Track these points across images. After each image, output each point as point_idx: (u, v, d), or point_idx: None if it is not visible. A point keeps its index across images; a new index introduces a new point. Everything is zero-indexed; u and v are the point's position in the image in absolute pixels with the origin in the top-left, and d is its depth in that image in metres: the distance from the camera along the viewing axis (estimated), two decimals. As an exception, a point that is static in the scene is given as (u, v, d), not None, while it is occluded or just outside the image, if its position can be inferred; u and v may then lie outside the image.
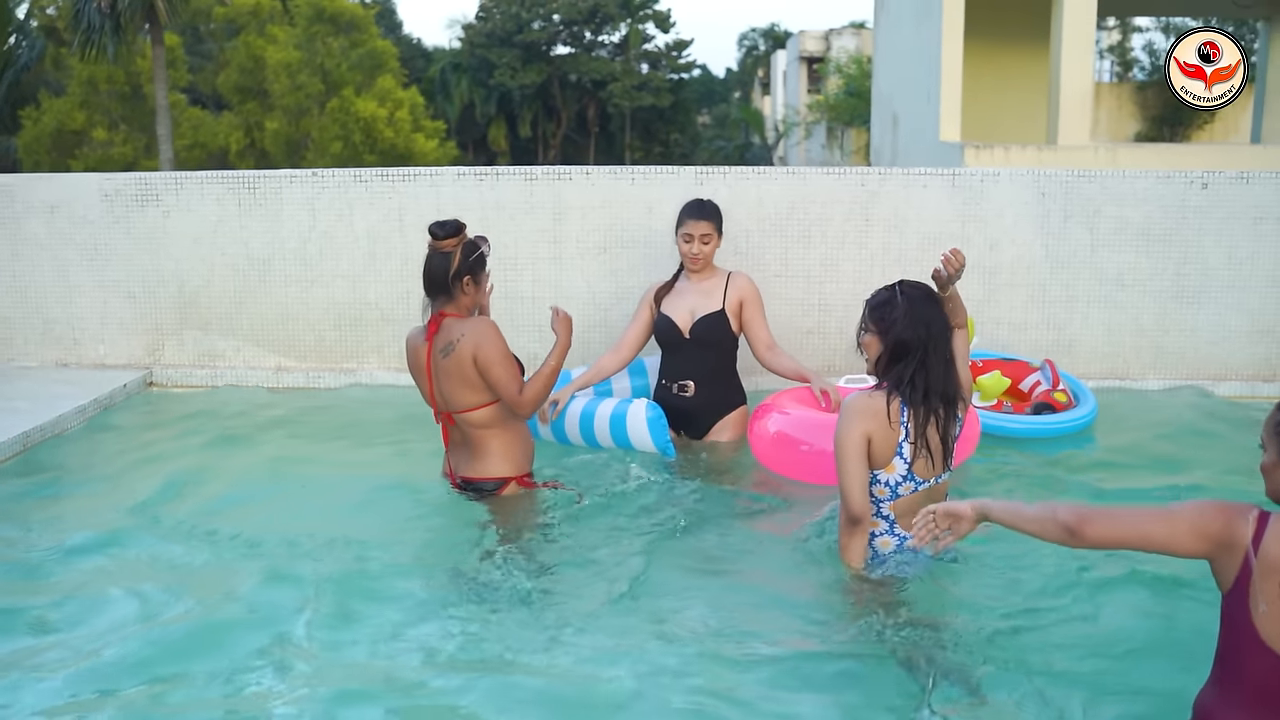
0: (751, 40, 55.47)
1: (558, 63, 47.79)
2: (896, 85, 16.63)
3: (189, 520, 4.42)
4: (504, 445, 4.30)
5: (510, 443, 4.32)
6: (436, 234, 4.15)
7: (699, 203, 5.31)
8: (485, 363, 4.09)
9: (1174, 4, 19.70)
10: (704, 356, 5.27)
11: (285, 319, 6.47)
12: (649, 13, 49.83)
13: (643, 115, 49.36)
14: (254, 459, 5.23)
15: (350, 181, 6.34)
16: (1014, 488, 4.75)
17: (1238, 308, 6.28)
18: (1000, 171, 6.22)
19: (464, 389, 4.16)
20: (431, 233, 4.16)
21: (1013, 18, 14.94)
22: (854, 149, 22.56)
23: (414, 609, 3.67)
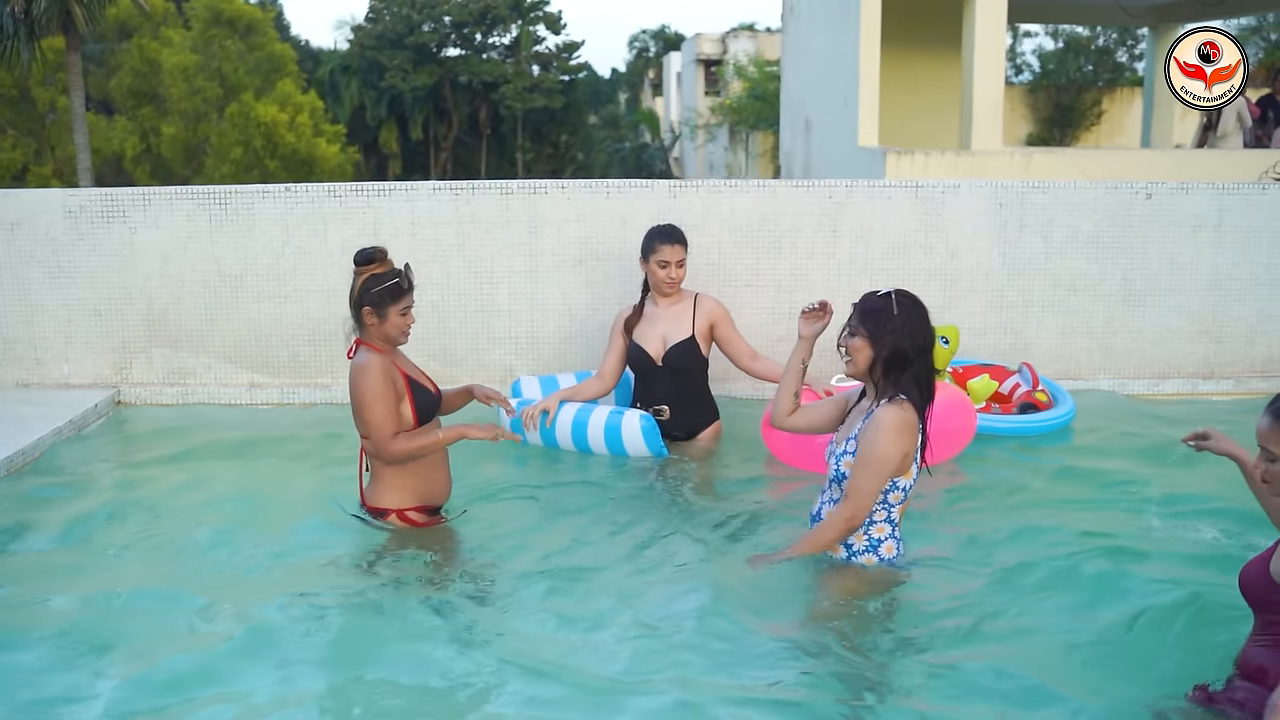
0: (642, 42, 55.72)
1: (449, 65, 47.45)
2: (809, 89, 16.97)
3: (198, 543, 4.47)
4: (397, 477, 4.28)
5: (404, 476, 4.28)
6: (355, 260, 4.19)
7: (671, 228, 5.46)
8: (356, 403, 4.13)
9: (1070, 13, 20.47)
10: (676, 382, 5.47)
11: (258, 335, 6.43)
12: (540, 14, 49.80)
13: (534, 117, 49.28)
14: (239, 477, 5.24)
15: (324, 196, 6.34)
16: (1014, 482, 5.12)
17: (1179, 310, 6.65)
18: (960, 183, 6.49)
19: (355, 417, 4.22)
20: (353, 259, 4.21)
21: (922, 24, 15.37)
22: (760, 152, 22.91)
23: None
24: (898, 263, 6.48)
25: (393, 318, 4.18)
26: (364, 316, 4.17)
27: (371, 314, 4.16)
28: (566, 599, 3.93)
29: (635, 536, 4.47)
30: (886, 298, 3.85)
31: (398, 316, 4.20)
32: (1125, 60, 26.09)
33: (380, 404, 4.12)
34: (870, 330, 3.81)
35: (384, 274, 4.19)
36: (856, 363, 3.85)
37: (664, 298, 5.49)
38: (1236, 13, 19.00)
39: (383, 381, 4.14)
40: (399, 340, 4.27)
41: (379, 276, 4.18)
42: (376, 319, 4.17)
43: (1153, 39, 18.10)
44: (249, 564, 4.27)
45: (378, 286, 4.16)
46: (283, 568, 4.23)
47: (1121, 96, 26.04)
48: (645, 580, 4.09)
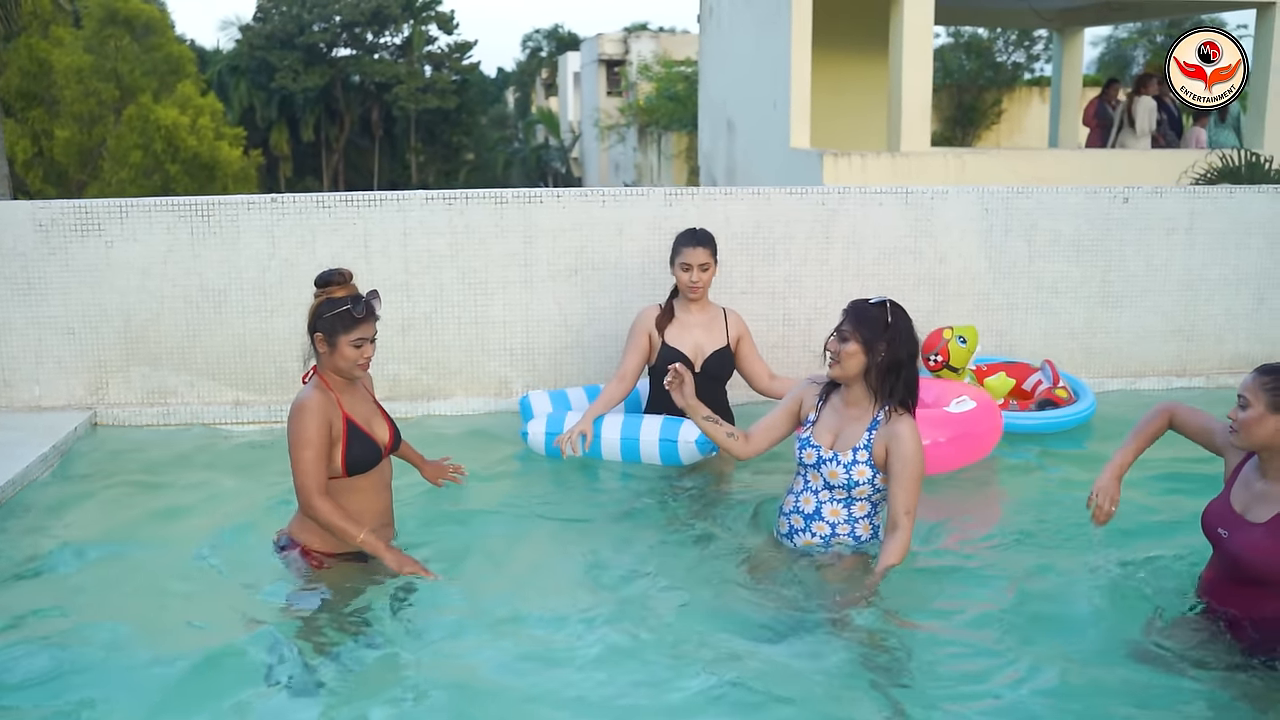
0: (536, 42, 55.47)
1: (340, 65, 46.71)
2: (731, 91, 17.05)
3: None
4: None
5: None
6: (315, 281, 3.89)
7: (694, 231, 5.39)
8: (289, 444, 3.79)
9: (986, 16, 20.93)
10: (710, 390, 5.37)
11: (243, 351, 6.23)
12: (432, 14, 49.30)
13: (427, 118, 48.78)
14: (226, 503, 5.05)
15: (312, 207, 6.16)
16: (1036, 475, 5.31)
17: (1154, 310, 6.85)
18: (949, 189, 6.58)
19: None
20: (314, 280, 3.91)
21: (846, 26, 15.56)
22: (675, 153, 22.97)
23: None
24: (888, 268, 6.55)
25: (343, 348, 3.82)
26: (316, 343, 3.86)
27: (322, 341, 3.84)
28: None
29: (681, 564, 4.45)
30: (881, 307, 4.00)
31: (349, 348, 3.82)
32: (1023, 61, 26.76)
33: (309, 450, 3.76)
34: (865, 337, 3.97)
35: (339, 299, 3.84)
36: (847, 367, 4.01)
37: (693, 303, 5.42)
38: (1138, 17, 19.64)
39: (318, 425, 3.77)
40: (350, 374, 3.89)
41: (334, 301, 3.84)
42: (327, 347, 3.84)
43: (1059, 42, 18.60)
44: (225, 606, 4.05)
45: (330, 312, 3.82)
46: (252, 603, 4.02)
47: (1020, 96, 26.75)
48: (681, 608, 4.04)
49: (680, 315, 5.44)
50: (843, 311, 4.07)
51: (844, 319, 4.03)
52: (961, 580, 4.24)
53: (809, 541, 4.14)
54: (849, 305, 4.07)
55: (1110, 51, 29.36)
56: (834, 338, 4.03)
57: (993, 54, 26.67)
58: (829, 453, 4.06)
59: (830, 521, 4.10)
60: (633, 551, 4.48)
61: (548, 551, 4.56)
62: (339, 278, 3.87)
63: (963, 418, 5.21)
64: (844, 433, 4.07)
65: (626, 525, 4.78)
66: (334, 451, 3.83)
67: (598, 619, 3.87)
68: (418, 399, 6.32)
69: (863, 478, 4.00)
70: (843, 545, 4.09)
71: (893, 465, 3.93)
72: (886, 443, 3.96)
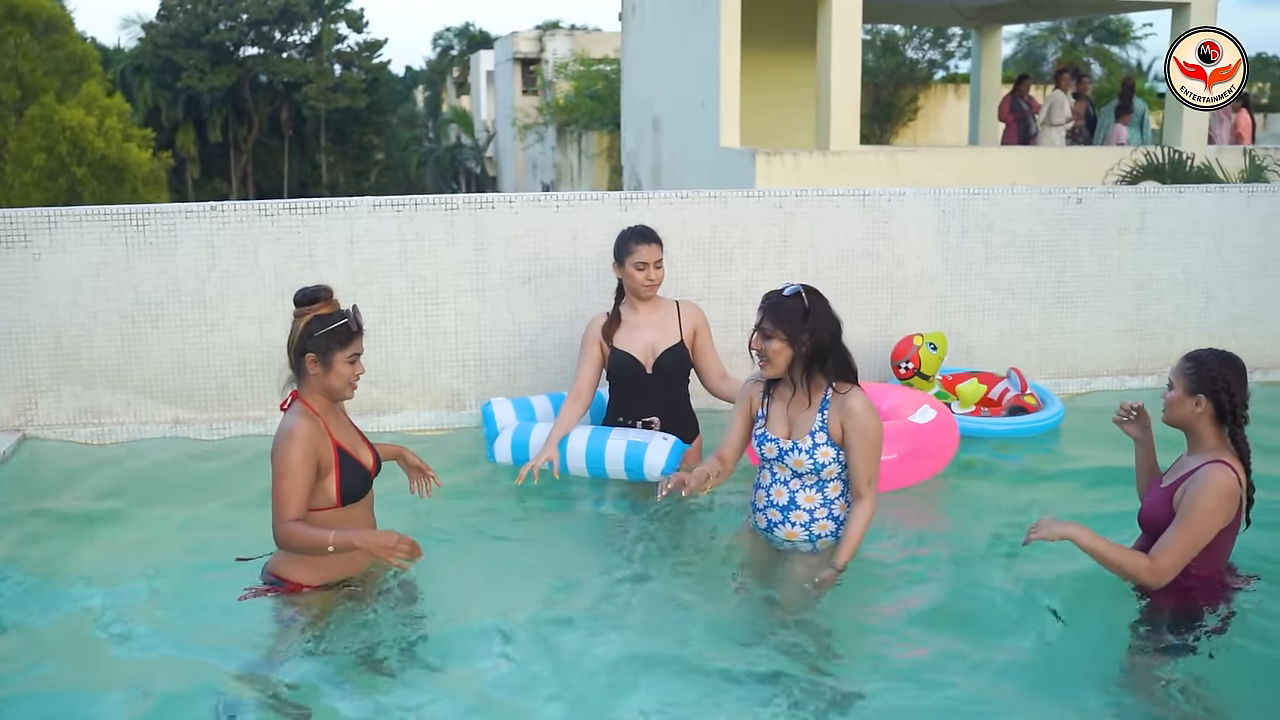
0: (447, 40, 54.83)
1: (248, 64, 45.75)
2: (657, 89, 16.92)
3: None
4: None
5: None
6: (295, 300, 3.73)
7: (644, 229, 5.23)
8: (272, 471, 3.62)
9: (909, 14, 21.05)
10: (667, 390, 5.23)
11: (182, 367, 5.93)
12: (341, 12, 48.51)
13: (337, 118, 48.05)
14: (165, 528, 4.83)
15: (254, 215, 5.89)
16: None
17: (1107, 310, 6.86)
18: (905, 190, 6.52)
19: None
20: (293, 298, 3.74)
21: (770, 23, 15.52)
22: (596, 153, 22.76)
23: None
24: (845, 271, 6.46)
25: (338, 366, 3.70)
26: (306, 365, 3.70)
27: (315, 362, 3.68)
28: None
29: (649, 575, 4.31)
30: (797, 298, 3.96)
31: (344, 365, 3.71)
32: (938, 58, 27.05)
33: (290, 480, 3.58)
34: (788, 331, 3.93)
35: (330, 315, 3.71)
36: (776, 364, 3.99)
37: (643, 303, 5.23)
38: (1055, 15, 19.93)
39: (305, 455, 3.61)
40: (343, 394, 3.77)
41: (324, 318, 3.69)
42: (321, 368, 3.69)
43: (978, 40, 18.80)
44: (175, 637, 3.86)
45: (323, 329, 3.67)
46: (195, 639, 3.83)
47: (935, 94, 27.05)
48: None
49: (628, 318, 5.24)
50: (759, 307, 4.02)
51: (762, 316, 3.99)
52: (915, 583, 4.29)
53: (791, 534, 4.11)
54: (764, 300, 4.03)
55: (1022, 49, 29.84)
56: (757, 337, 4.00)
57: (906, 52, 26.91)
58: (788, 443, 4.04)
59: (807, 508, 4.08)
60: (615, 561, 4.39)
61: (526, 568, 4.43)
62: (325, 294, 3.72)
63: (923, 429, 5.10)
64: (797, 421, 4.05)
65: (604, 533, 4.70)
66: (326, 482, 3.68)
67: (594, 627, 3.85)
68: (366, 414, 6.07)
69: (827, 458, 3.99)
70: (828, 535, 4.09)
71: (850, 439, 3.95)
72: (841, 419, 3.95)
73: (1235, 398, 3.65)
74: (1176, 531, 3.59)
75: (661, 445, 4.97)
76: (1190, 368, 3.71)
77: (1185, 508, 3.59)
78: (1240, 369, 3.70)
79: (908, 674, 3.60)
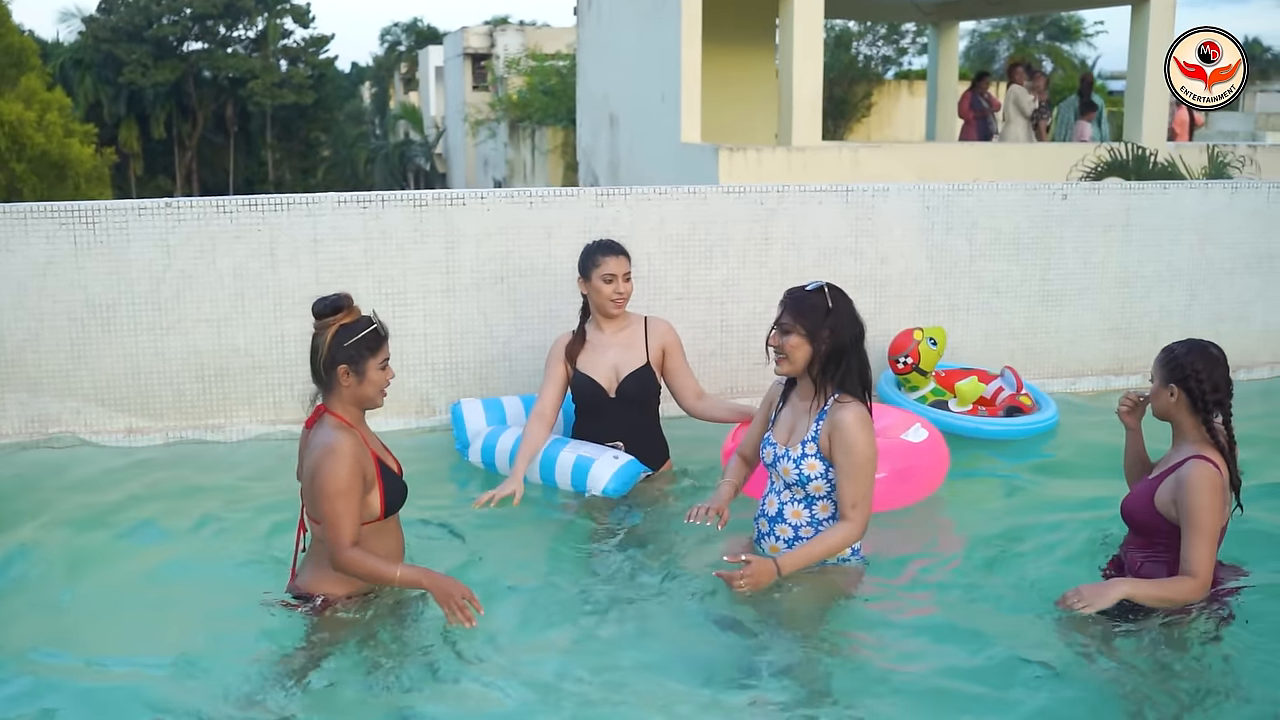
0: (395, 35, 54.18)
1: (192, 59, 44.89)
2: (614, 84, 16.67)
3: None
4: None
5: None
6: (314, 310, 3.61)
7: (611, 241, 4.96)
8: (318, 491, 3.51)
9: (871, 10, 20.96)
10: (631, 415, 4.95)
11: (136, 373, 5.61)
12: (287, 7, 47.76)
13: (283, 114, 47.31)
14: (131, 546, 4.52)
15: (212, 212, 5.58)
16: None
17: (1092, 308, 6.72)
18: (889, 186, 6.33)
19: (310, 500, 3.63)
20: (311, 308, 3.62)
21: (730, 17, 15.32)
22: (550, 148, 22.46)
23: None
24: (828, 269, 6.25)
25: (372, 374, 3.62)
26: (339, 377, 3.58)
27: (348, 372, 3.58)
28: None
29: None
30: (820, 293, 3.77)
31: (377, 372, 3.63)
32: (892, 55, 27.05)
33: (344, 500, 3.49)
34: (807, 327, 3.74)
35: (355, 323, 3.60)
36: (794, 360, 3.79)
37: (610, 320, 4.93)
38: (1014, 11, 19.93)
39: (353, 471, 3.51)
40: (376, 402, 3.69)
41: (350, 327, 3.59)
42: (354, 378, 3.59)
43: (934, 36, 18.73)
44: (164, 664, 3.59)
45: (352, 339, 3.57)
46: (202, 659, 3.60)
47: (889, 90, 27.02)
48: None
49: (593, 337, 4.94)
50: (780, 303, 3.84)
51: (782, 310, 3.81)
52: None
53: (774, 548, 3.91)
54: (785, 295, 3.85)
55: (974, 46, 29.91)
56: (775, 332, 3.81)
57: (859, 48, 26.87)
58: (783, 449, 3.85)
59: (793, 524, 3.87)
60: (602, 577, 4.19)
61: (523, 583, 4.17)
62: (347, 301, 3.61)
63: (914, 449, 4.88)
64: (797, 427, 3.86)
65: (587, 547, 4.47)
66: (370, 496, 3.60)
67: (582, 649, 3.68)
68: (332, 420, 5.78)
69: (813, 472, 3.77)
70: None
71: (835, 456, 3.72)
72: (830, 431, 3.72)
73: (1205, 385, 3.65)
74: (1193, 541, 3.54)
75: (609, 463, 4.71)
76: (1163, 359, 3.76)
77: (1187, 515, 3.56)
78: (1213, 357, 3.69)
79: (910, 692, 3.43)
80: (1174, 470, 3.65)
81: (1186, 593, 3.53)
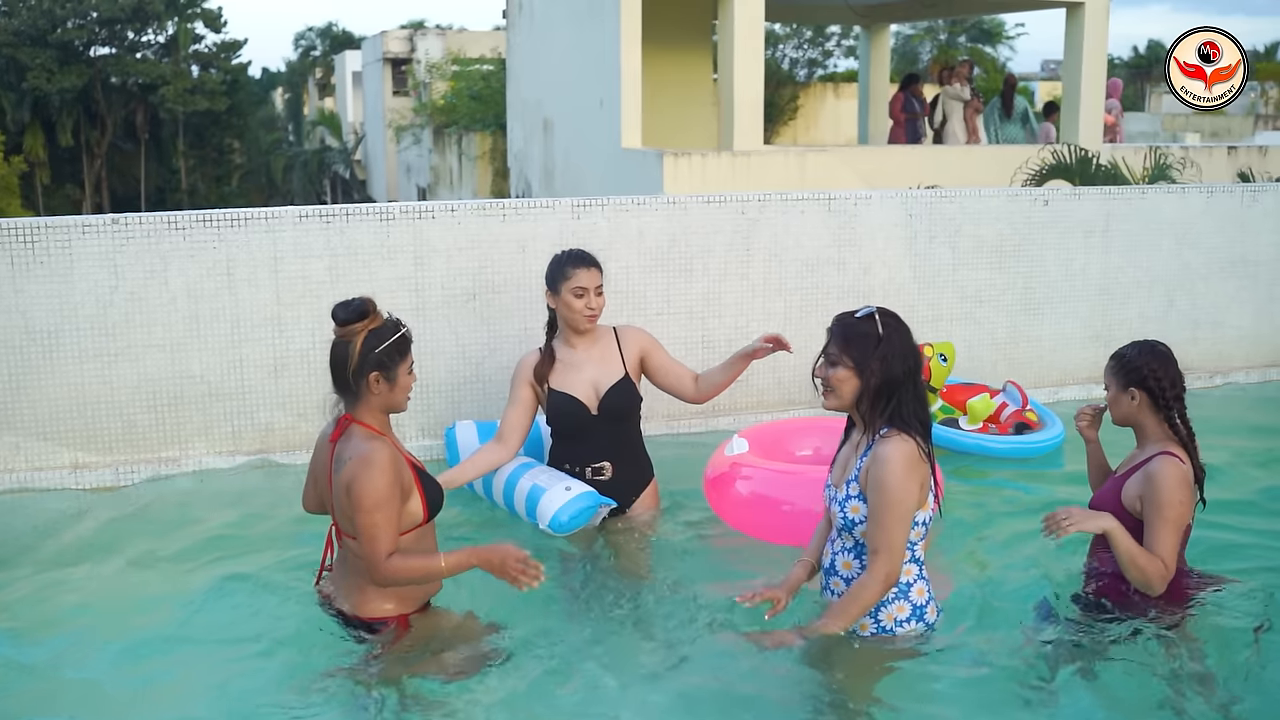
0: (309, 40, 53.18)
1: (100, 64, 43.50)
2: (548, 89, 16.36)
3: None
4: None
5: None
6: (336, 317, 3.47)
7: (582, 251, 4.61)
8: (355, 505, 3.38)
9: (806, 12, 20.89)
10: (616, 432, 4.63)
11: (82, 404, 5.19)
12: (198, 11, 46.58)
13: (196, 120, 46.10)
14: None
15: (163, 229, 5.18)
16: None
17: (1073, 316, 6.59)
18: (872, 194, 6.14)
19: (345, 517, 3.47)
20: (332, 315, 3.48)
21: (667, 22, 15.09)
22: (478, 154, 22.04)
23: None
24: (811, 281, 6.05)
25: (402, 378, 3.53)
26: (369, 384, 3.45)
27: (380, 379, 3.46)
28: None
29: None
30: (870, 320, 3.43)
31: (406, 376, 3.55)
32: (818, 57, 27.10)
33: (383, 511, 3.36)
34: (856, 359, 3.40)
35: (382, 328, 3.48)
36: (841, 395, 3.46)
37: (580, 336, 4.61)
38: (948, 13, 19.99)
39: (392, 481, 3.39)
40: (403, 407, 3.60)
41: (378, 332, 3.46)
42: (386, 384, 3.48)
43: (866, 38, 18.71)
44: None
45: (382, 344, 3.45)
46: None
47: (815, 92, 27.06)
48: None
49: (564, 355, 4.62)
50: (827, 329, 3.50)
51: (830, 339, 3.47)
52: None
53: (830, 603, 3.56)
54: (834, 321, 3.50)
55: (898, 48, 30.11)
56: (822, 362, 3.47)
57: (785, 51, 26.89)
58: (832, 490, 3.55)
59: (844, 576, 3.52)
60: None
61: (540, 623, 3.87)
62: (371, 306, 3.47)
63: None
64: (848, 466, 3.52)
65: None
66: (410, 504, 3.49)
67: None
68: (295, 449, 5.43)
69: (857, 516, 3.41)
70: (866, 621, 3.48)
71: (868, 493, 3.37)
72: (869, 466, 3.38)
73: (1164, 383, 3.66)
74: (1159, 530, 3.53)
75: (559, 495, 4.35)
76: (1116, 365, 3.77)
77: (1154, 507, 3.54)
78: (1163, 354, 3.72)
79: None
80: (1141, 467, 3.62)
81: (1154, 570, 3.49)
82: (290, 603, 3.95)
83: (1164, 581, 3.51)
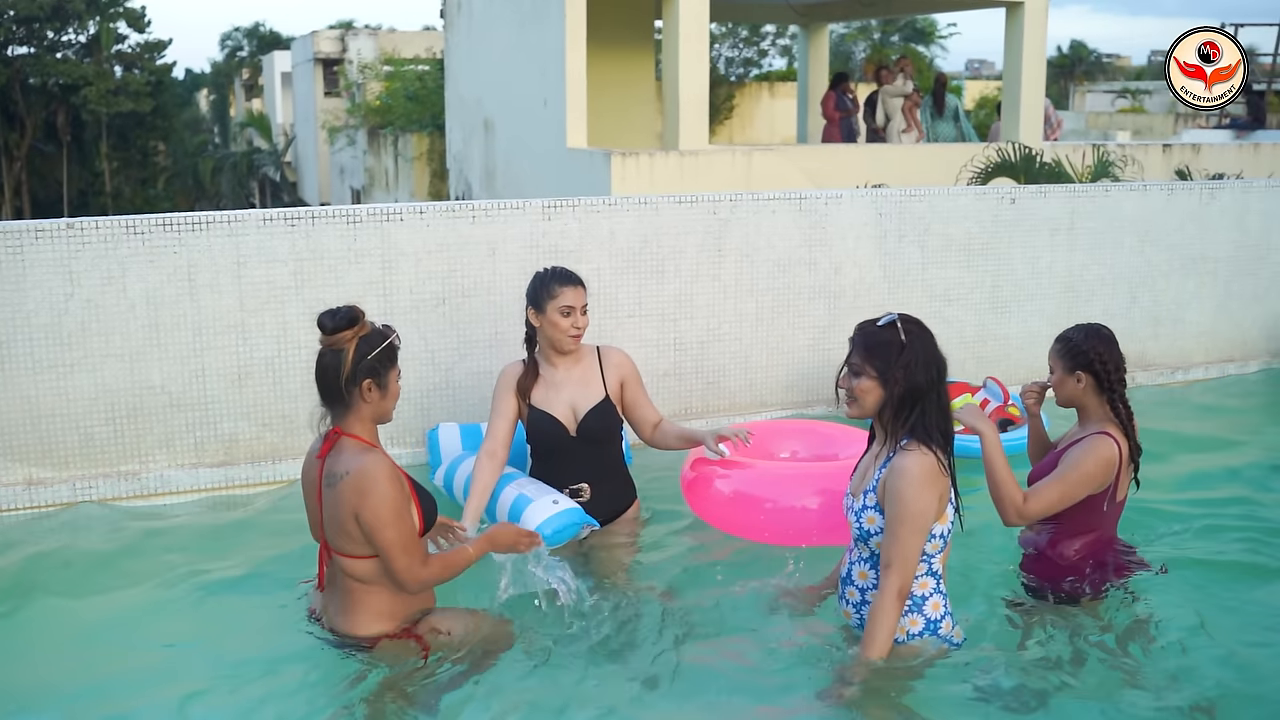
0: (235, 41, 52.25)
1: (17, 64, 42.36)
2: (488, 89, 16.16)
3: None
4: (383, 603, 3.46)
5: (391, 599, 3.47)
6: (324, 325, 3.39)
7: (566, 270, 4.49)
8: (370, 524, 3.29)
9: (747, 11, 20.88)
10: (596, 454, 4.51)
11: (36, 417, 4.96)
12: (120, 10, 45.56)
13: (119, 122, 45.09)
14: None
15: (121, 234, 4.98)
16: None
17: (1039, 314, 6.61)
18: (842, 193, 6.09)
19: (343, 535, 3.36)
20: (319, 324, 3.41)
21: (607, 22, 14.97)
22: (415, 155, 21.74)
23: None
24: (783, 281, 5.99)
25: (393, 384, 3.50)
26: (361, 393, 3.39)
27: (372, 386, 3.40)
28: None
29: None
30: (892, 328, 3.37)
31: (396, 383, 3.52)
32: (754, 56, 27.15)
33: (405, 520, 3.35)
34: (879, 368, 3.34)
35: (372, 335, 3.43)
36: (864, 405, 3.39)
37: (563, 356, 4.48)
38: (887, 13, 20.11)
39: (400, 491, 3.35)
40: (391, 416, 3.54)
41: (369, 339, 3.41)
42: (378, 392, 3.43)
43: (804, 37, 18.76)
44: None
45: (374, 350, 3.40)
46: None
47: (750, 91, 27.11)
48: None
49: (545, 374, 4.49)
50: (849, 339, 3.44)
51: (852, 349, 3.40)
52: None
53: (846, 613, 3.54)
54: (856, 331, 3.44)
55: (831, 47, 30.26)
56: (845, 373, 3.41)
57: (720, 51, 26.90)
58: (850, 499, 3.49)
59: (859, 586, 3.47)
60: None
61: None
62: (359, 313, 3.43)
63: None
64: (866, 475, 3.46)
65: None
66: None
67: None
68: (260, 461, 5.25)
69: (872, 527, 3.35)
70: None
71: (885, 506, 3.31)
72: (887, 478, 3.32)
73: (1109, 365, 3.81)
74: (1050, 484, 3.72)
75: (545, 507, 4.22)
76: (1062, 348, 3.89)
77: (1064, 465, 3.74)
78: (1107, 338, 3.87)
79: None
80: (1077, 444, 3.79)
81: (1012, 502, 3.67)
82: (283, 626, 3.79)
83: (1015, 513, 3.68)
